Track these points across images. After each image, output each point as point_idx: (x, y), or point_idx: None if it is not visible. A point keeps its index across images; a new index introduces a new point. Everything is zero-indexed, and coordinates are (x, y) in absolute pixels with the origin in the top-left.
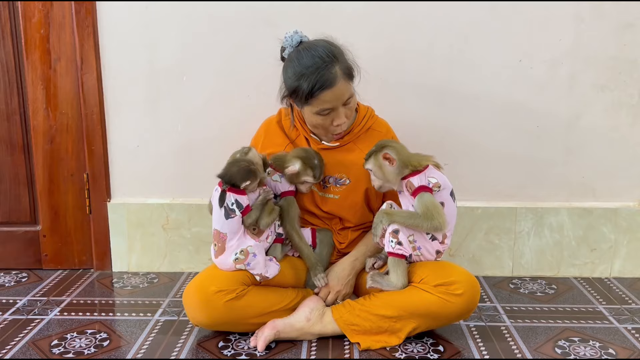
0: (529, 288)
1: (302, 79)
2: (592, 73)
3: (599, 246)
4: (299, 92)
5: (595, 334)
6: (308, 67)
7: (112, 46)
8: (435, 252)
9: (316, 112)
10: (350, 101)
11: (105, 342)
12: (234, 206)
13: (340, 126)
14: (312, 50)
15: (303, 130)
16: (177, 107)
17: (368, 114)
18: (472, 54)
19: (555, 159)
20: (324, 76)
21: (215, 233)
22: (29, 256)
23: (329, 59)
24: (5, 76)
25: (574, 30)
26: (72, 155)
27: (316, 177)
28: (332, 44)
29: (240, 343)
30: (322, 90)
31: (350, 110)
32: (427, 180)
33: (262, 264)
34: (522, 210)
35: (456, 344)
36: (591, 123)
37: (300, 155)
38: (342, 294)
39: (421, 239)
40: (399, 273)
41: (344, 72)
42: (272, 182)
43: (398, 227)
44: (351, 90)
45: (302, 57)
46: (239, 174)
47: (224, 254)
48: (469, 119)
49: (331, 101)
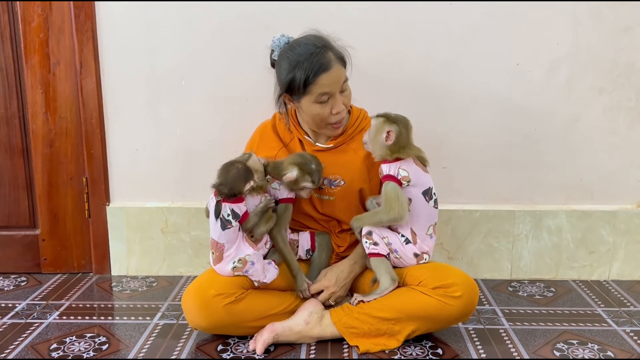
0: (528, 291)
1: (297, 67)
2: (590, 76)
3: (597, 249)
4: (295, 82)
5: (593, 336)
6: (301, 54)
7: (111, 50)
8: (413, 255)
9: (315, 101)
10: (346, 87)
11: (105, 346)
12: (230, 217)
13: (339, 114)
14: (302, 41)
15: (297, 132)
16: (176, 111)
17: (361, 115)
18: (470, 57)
19: (553, 161)
20: (319, 60)
21: (212, 242)
22: (28, 260)
23: (320, 45)
24: (4, 80)
25: (571, 33)
26: (71, 159)
27: (315, 181)
28: (319, 34)
29: (239, 346)
30: (319, 74)
31: (348, 99)
32: (397, 171)
33: (260, 271)
34: (521, 213)
35: (455, 347)
36: (589, 126)
37: (296, 161)
38: (335, 296)
39: (396, 242)
40: (382, 272)
41: (337, 57)
42: (272, 190)
43: (371, 229)
44: (346, 75)
45: (294, 49)
46: (240, 177)
47: (222, 262)
48: (467, 122)
49: (329, 85)
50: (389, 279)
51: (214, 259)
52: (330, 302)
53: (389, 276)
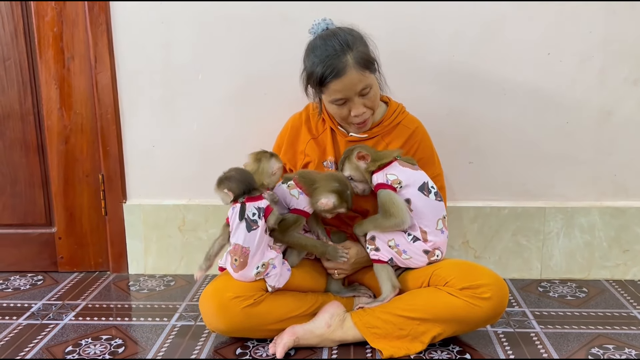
0: (559, 291)
1: (315, 67)
2: (625, 66)
3: (632, 247)
4: (312, 80)
5: (630, 340)
6: (319, 55)
7: (126, 44)
8: (423, 252)
9: (330, 102)
10: (367, 92)
11: (121, 349)
12: (255, 216)
13: (359, 116)
14: (328, 38)
15: (330, 122)
16: (193, 106)
17: (399, 110)
18: (498, 47)
19: (585, 156)
20: (332, 65)
21: (236, 248)
22: (45, 259)
23: (340, 48)
24: (19, 76)
25: (604, 21)
26: (87, 156)
27: (350, 207)
28: (350, 33)
29: (258, 350)
30: (331, 80)
31: (371, 101)
32: (385, 178)
33: (278, 275)
34: (551, 210)
35: (483, 351)
36: (624, 119)
37: (334, 188)
38: (341, 271)
39: (403, 242)
40: (384, 279)
41: (356, 62)
42: (289, 196)
43: (374, 234)
44: (367, 81)
45: (317, 46)
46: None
47: (246, 268)
48: (495, 114)
49: (342, 91)
50: (390, 286)
51: (237, 266)
52: (335, 276)
53: (390, 283)
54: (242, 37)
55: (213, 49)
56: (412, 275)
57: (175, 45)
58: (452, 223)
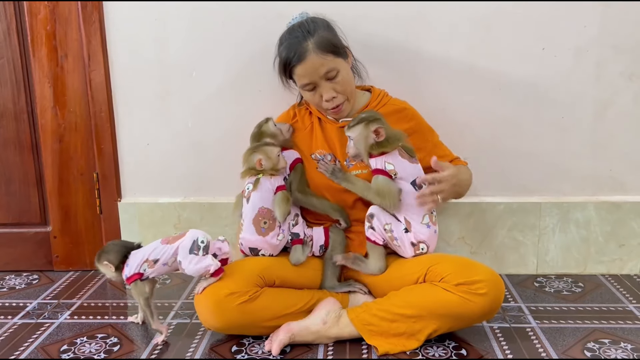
0: (555, 286)
1: (281, 55)
2: (620, 61)
3: (627, 242)
4: (281, 67)
5: (626, 335)
6: (284, 44)
7: (119, 42)
8: (410, 244)
9: (301, 87)
10: (333, 75)
11: (116, 347)
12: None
13: (330, 101)
14: (293, 29)
15: (317, 112)
16: (188, 104)
17: (382, 94)
18: (492, 42)
19: (581, 151)
20: (293, 51)
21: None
22: (40, 258)
23: (301, 35)
24: (12, 74)
25: (599, 15)
26: (81, 154)
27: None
28: (314, 20)
29: (254, 347)
30: (295, 65)
31: (341, 85)
32: (383, 165)
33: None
34: (547, 206)
35: (479, 347)
36: (620, 113)
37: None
38: (442, 190)
39: (398, 230)
40: (375, 257)
41: (317, 46)
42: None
43: (374, 212)
44: (330, 65)
45: (284, 37)
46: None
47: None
48: (490, 110)
49: (306, 75)
50: (378, 266)
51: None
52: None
53: (379, 264)
54: (236, 32)
55: (207, 45)
56: (408, 271)
57: (168, 42)
58: (448, 219)
